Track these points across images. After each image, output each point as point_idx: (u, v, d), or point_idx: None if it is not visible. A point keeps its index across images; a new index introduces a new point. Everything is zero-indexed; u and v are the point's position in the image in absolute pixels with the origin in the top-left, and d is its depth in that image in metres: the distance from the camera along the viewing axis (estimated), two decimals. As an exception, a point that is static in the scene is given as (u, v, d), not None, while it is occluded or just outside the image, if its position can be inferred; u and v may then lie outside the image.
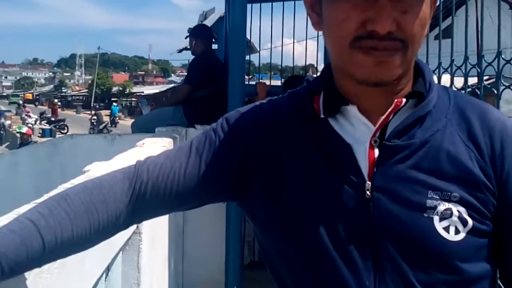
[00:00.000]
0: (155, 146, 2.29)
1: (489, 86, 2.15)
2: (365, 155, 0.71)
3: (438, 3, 2.86)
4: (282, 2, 4.41)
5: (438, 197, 0.69)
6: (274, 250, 0.77)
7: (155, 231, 1.96)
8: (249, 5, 3.74)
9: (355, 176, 0.71)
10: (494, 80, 2.16)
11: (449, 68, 2.35)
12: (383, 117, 0.71)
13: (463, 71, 2.26)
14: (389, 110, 0.71)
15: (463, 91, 2.34)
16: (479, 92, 2.17)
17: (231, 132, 0.78)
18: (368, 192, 0.70)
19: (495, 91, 2.08)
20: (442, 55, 2.52)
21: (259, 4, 4.49)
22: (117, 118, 31.48)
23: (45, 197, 1.15)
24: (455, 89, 2.36)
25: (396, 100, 0.71)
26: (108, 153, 2.65)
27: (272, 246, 0.78)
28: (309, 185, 0.73)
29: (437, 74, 2.34)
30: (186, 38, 4.19)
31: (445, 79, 2.45)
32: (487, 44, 2.26)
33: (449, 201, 0.69)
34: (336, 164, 0.72)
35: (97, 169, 1.64)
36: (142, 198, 0.73)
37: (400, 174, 0.70)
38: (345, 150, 0.72)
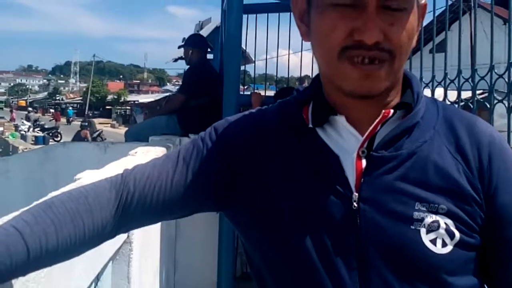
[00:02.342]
0: (147, 155, 2.27)
1: (482, 100, 2.17)
2: (352, 165, 0.71)
3: (432, 17, 2.89)
4: (278, 13, 4.44)
5: (425, 209, 0.69)
6: (261, 260, 0.77)
7: (147, 241, 1.94)
8: (244, 16, 3.76)
9: (342, 187, 0.71)
10: (487, 94, 2.18)
11: (443, 82, 2.37)
12: (371, 128, 0.71)
13: (456, 85, 2.28)
14: (377, 121, 0.71)
15: (456, 105, 2.36)
16: (472, 106, 2.19)
17: (219, 141, 0.78)
18: (355, 203, 0.69)
19: (488, 105, 2.10)
20: (436, 69, 2.53)
21: (255, 15, 4.52)
22: (71, 119, 39.54)
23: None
24: (449, 103, 2.38)
25: (383, 111, 0.71)
26: (100, 161, 2.63)
27: (259, 257, 0.77)
28: (296, 194, 0.72)
29: (431, 88, 2.36)
30: (179, 48, 4.18)
31: (439, 92, 2.46)
32: (480, 59, 2.28)
33: (436, 213, 0.69)
34: (323, 174, 0.72)
35: (88, 177, 1.62)
36: (129, 207, 0.73)
37: (387, 185, 0.70)
38: (332, 160, 0.72)
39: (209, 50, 4.48)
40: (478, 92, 2.20)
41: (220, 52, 4.40)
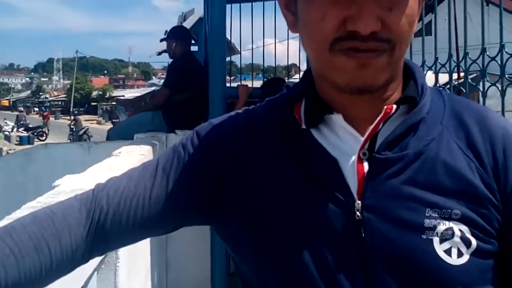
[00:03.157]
0: (132, 155, 2.19)
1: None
2: (353, 170, 0.63)
3: None
4: (262, 2, 4.35)
5: (437, 215, 0.61)
6: (255, 280, 0.69)
7: (135, 245, 1.86)
8: (228, 6, 3.67)
9: (343, 194, 0.63)
10: (474, 75, 2.13)
11: (433, 66, 2.31)
12: (372, 126, 0.63)
13: (447, 69, 2.22)
14: (378, 118, 0.63)
15: (447, 87, 2.30)
16: (464, 90, 2.14)
17: (202, 147, 0.70)
18: (358, 213, 0.62)
19: (481, 89, 2.05)
20: (423, 52, 2.48)
21: (238, 4, 4.42)
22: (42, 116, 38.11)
23: (18, 212, 1.07)
24: (441, 87, 2.33)
25: (385, 107, 0.64)
26: (84, 162, 2.55)
27: (253, 276, 0.69)
28: (291, 205, 0.64)
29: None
30: (161, 41, 4.07)
31: (428, 75, 2.41)
32: (463, 41, 2.23)
33: (449, 219, 0.61)
34: (320, 181, 0.64)
35: (68, 183, 1.54)
36: (102, 228, 0.65)
37: (394, 190, 0.62)
38: (330, 164, 0.64)
39: (193, 42, 4.39)
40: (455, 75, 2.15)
41: (204, 43, 4.31)
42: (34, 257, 0.58)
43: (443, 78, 2.47)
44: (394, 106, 0.64)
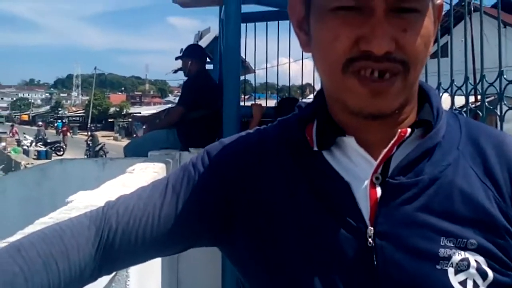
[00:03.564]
0: (146, 172, 2.20)
1: (491, 107, 2.08)
2: (366, 194, 0.62)
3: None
4: (277, 22, 4.38)
5: (452, 245, 0.59)
6: None
7: (146, 263, 1.85)
8: (243, 25, 3.70)
9: (355, 220, 0.61)
10: (492, 99, 2.10)
11: (449, 89, 2.29)
12: (386, 150, 0.62)
13: (464, 92, 2.19)
14: (392, 142, 0.62)
15: (464, 111, 2.27)
16: (480, 114, 2.11)
17: (212, 167, 0.69)
18: (370, 240, 0.60)
19: (498, 113, 2.02)
20: (439, 74, 2.46)
21: (253, 23, 4.46)
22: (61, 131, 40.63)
23: (30, 227, 1.08)
24: (458, 110, 2.30)
25: (399, 131, 0.62)
26: (99, 178, 2.57)
27: None
28: (301, 229, 0.63)
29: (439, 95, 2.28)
30: (176, 59, 4.11)
31: (444, 98, 2.39)
32: (480, 63, 2.20)
33: (465, 249, 0.59)
34: (332, 204, 0.62)
35: (81, 199, 1.54)
36: (111, 246, 0.64)
37: (408, 217, 0.60)
38: (342, 188, 0.62)
39: (208, 60, 4.42)
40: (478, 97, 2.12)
41: (219, 62, 4.34)
42: (43, 275, 0.57)
43: (460, 100, 2.44)
44: (409, 130, 0.63)
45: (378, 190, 0.62)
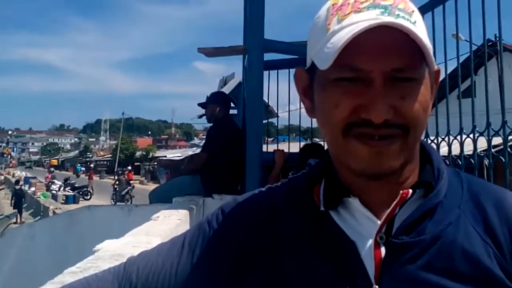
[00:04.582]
0: (170, 219, 2.24)
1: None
2: (370, 254, 0.64)
3: (457, 64, 2.84)
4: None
5: None
6: None
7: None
8: (266, 72, 3.79)
9: (361, 279, 0.63)
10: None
11: (472, 134, 2.28)
12: (388, 210, 0.65)
13: (486, 137, 2.19)
14: (394, 202, 0.64)
15: (486, 155, 2.25)
16: (503, 159, 2.09)
17: (225, 225, 0.74)
18: None
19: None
20: (463, 115, 2.46)
21: (276, 70, 4.58)
22: (80, 174, 46.17)
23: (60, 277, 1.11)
24: (482, 152, 2.28)
25: (401, 192, 0.65)
26: (124, 224, 2.61)
27: None
28: (309, 282, 0.66)
29: (459, 140, 2.28)
30: (199, 105, 4.11)
31: (468, 141, 2.38)
32: (507, 103, 2.20)
33: None
34: (339, 263, 0.65)
35: (107, 248, 1.59)
36: None
37: (411, 276, 0.62)
38: (349, 247, 0.65)
39: (232, 105, 4.49)
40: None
41: (243, 107, 4.43)
42: None
43: (481, 143, 2.43)
44: (410, 191, 0.65)
45: (382, 250, 0.64)
